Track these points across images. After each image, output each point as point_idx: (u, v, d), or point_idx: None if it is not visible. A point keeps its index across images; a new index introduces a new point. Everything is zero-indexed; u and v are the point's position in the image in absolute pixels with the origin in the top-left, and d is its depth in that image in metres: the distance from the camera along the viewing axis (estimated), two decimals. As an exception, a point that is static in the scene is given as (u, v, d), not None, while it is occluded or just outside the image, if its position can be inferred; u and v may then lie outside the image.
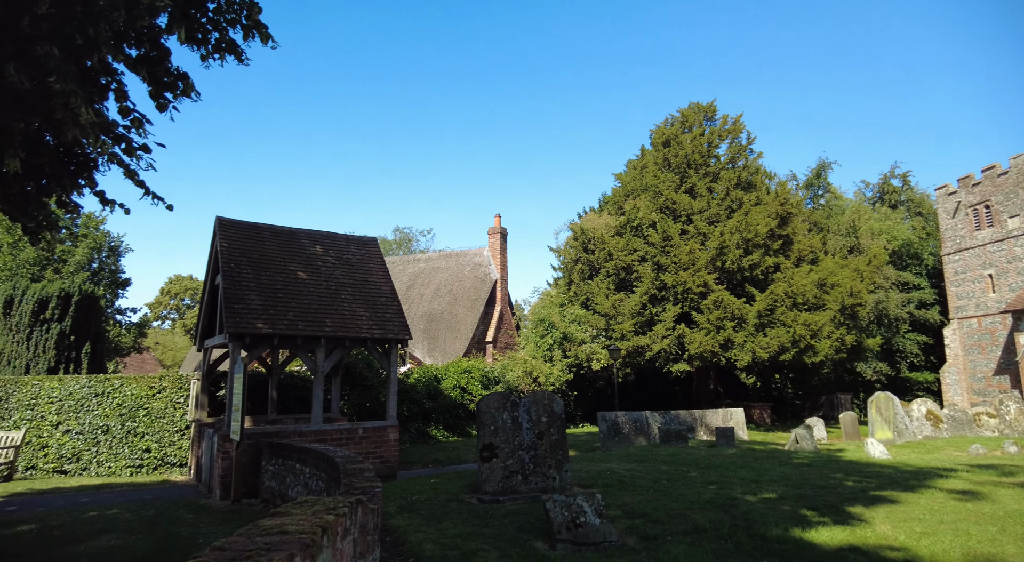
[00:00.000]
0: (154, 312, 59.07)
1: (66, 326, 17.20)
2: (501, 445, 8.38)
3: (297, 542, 2.00)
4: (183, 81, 4.30)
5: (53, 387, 13.73)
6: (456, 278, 29.31)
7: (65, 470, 13.28)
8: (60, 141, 4.72)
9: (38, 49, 3.24)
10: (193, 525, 7.49)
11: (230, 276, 10.67)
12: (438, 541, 5.87)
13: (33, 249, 21.58)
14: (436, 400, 19.23)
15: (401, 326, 12.10)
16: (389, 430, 11.61)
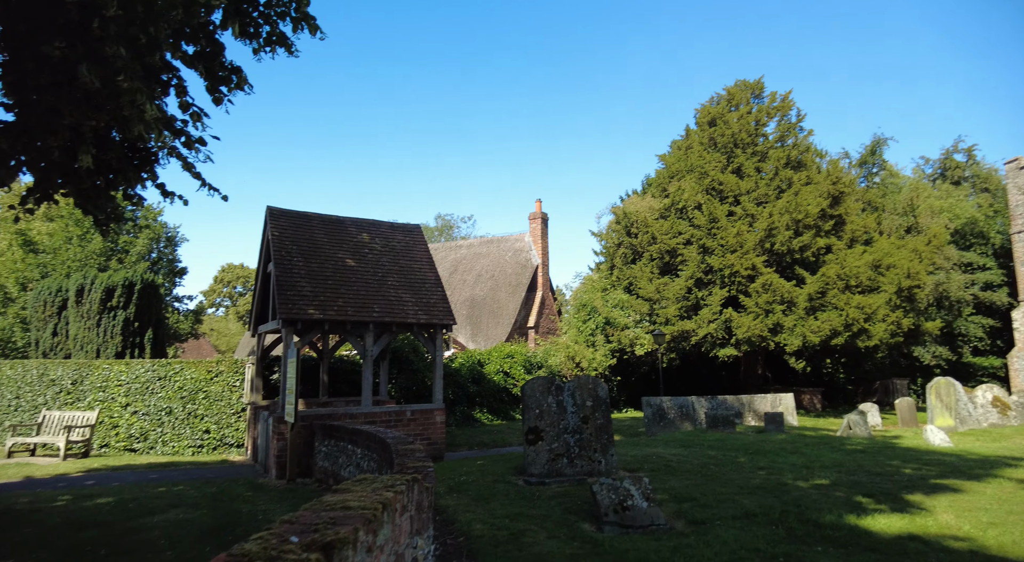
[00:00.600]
0: (209, 299, 61.59)
1: (130, 313, 18.12)
2: (546, 429, 8.45)
3: (360, 517, 2.08)
4: (237, 75, 4.45)
5: (121, 371, 14.51)
6: (497, 264, 29.44)
7: (134, 448, 14.07)
8: (125, 137, 4.96)
9: (107, 49, 3.41)
10: (252, 502, 7.84)
11: (281, 264, 11.02)
12: (487, 521, 6.00)
13: (100, 241, 22.75)
14: (480, 384, 19.47)
15: (446, 311, 12.27)
16: (436, 413, 11.84)
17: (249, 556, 1.63)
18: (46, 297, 18.41)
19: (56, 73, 3.87)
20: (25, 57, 4.20)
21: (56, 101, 3.93)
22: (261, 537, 1.83)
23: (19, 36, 4.32)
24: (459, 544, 5.30)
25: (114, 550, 5.34)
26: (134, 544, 5.57)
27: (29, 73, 4.12)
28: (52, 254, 22.66)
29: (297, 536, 1.84)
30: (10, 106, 4.44)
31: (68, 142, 4.35)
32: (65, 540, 5.69)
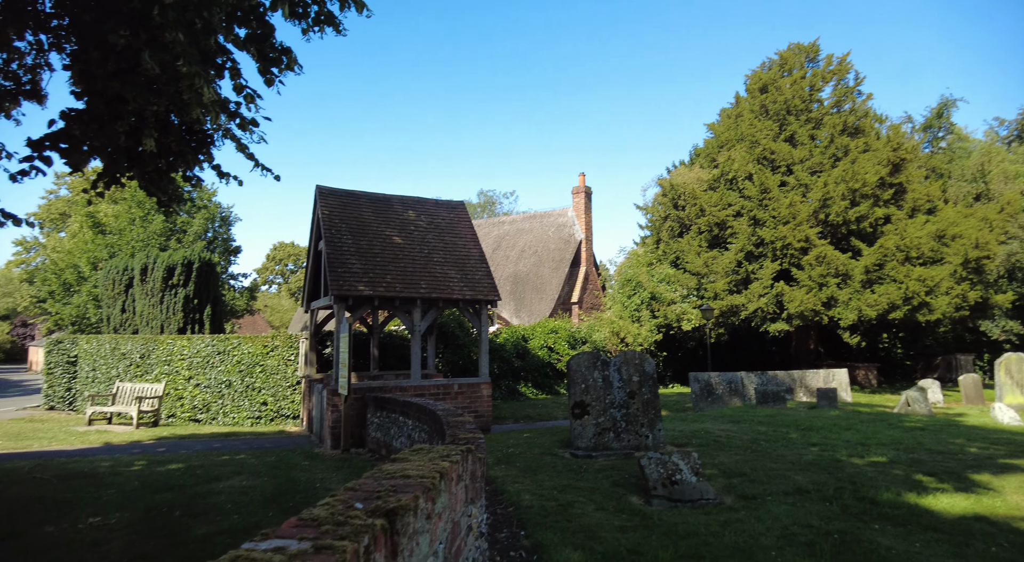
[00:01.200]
0: (262, 277, 63.82)
1: (190, 291, 18.98)
2: (592, 403, 8.48)
3: (419, 485, 2.16)
4: (287, 55, 4.53)
5: (184, 346, 15.29)
6: (540, 239, 29.35)
7: (198, 419, 14.87)
8: (183, 120, 5.13)
9: (167, 36, 3.53)
10: (309, 471, 8.20)
11: (332, 242, 11.29)
12: (535, 492, 6.10)
13: (160, 221, 23.81)
14: (524, 359, 19.64)
15: (491, 287, 12.36)
16: (482, 386, 12.03)
17: (318, 520, 1.71)
18: (114, 276, 19.45)
19: (120, 61, 4.03)
20: (91, 47, 4.37)
21: (121, 88, 4.11)
22: (327, 503, 1.92)
23: (85, 26, 4.50)
24: (509, 514, 5.43)
25: (187, 512, 5.70)
26: (204, 507, 5.92)
27: (95, 62, 4.30)
28: (118, 235, 23.86)
29: (361, 502, 1.92)
30: (79, 94, 4.65)
31: (132, 127, 4.54)
32: (143, 501, 6.10)
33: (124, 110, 4.41)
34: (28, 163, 4.80)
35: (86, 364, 16.64)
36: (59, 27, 5.52)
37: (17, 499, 6.11)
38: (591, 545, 4.39)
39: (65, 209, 37.02)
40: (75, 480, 7.19)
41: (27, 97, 6.18)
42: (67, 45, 5.85)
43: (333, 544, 1.51)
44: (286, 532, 1.63)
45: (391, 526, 1.80)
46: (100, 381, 16.15)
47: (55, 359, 17.34)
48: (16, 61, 6.07)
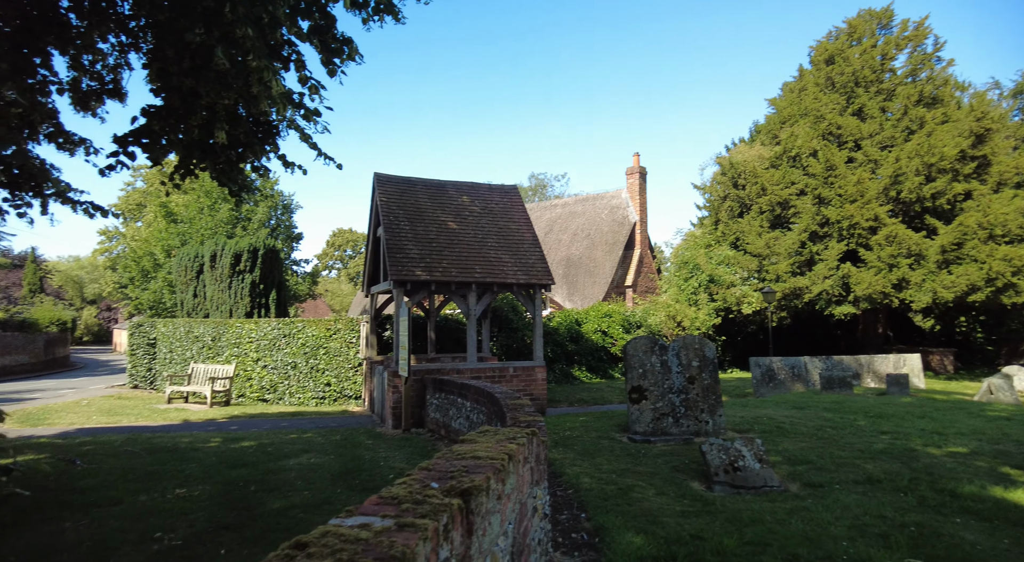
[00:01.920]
0: (322, 262, 65.94)
1: (256, 276, 19.83)
2: (650, 388, 8.40)
3: (490, 466, 2.20)
4: (348, 46, 4.62)
5: (252, 329, 16.02)
6: (593, 222, 29.03)
7: (266, 398, 15.61)
8: (250, 113, 5.33)
9: (237, 31, 3.67)
10: (373, 449, 8.48)
11: (390, 228, 11.53)
12: (594, 475, 6.12)
13: (227, 210, 24.93)
14: (578, 343, 19.59)
15: (544, 271, 12.36)
16: (537, 370, 12.10)
17: (398, 499, 1.78)
18: (186, 263, 20.53)
19: (195, 58, 4.22)
20: (167, 45, 4.58)
21: (195, 84, 4.31)
22: (405, 482, 1.98)
23: (161, 26, 4.72)
24: (568, 496, 5.47)
25: (261, 487, 6.02)
26: (276, 483, 6.24)
27: (171, 60, 4.51)
28: (188, 223, 25.13)
29: (436, 482, 1.98)
30: (157, 91, 4.90)
31: (205, 120, 4.75)
32: (221, 476, 6.48)
33: (198, 105, 4.62)
34: (114, 158, 5.11)
35: (164, 346, 17.71)
36: (137, 28, 5.81)
37: (114, 470, 6.61)
38: (653, 529, 4.38)
39: (141, 200, 39.26)
40: (160, 454, 7.71)
41: (110, 96, 6.55)
42: (144, 44, 6.15)
43: (415, 522, 1.57)
44: (369, 510, 1.70)
45: (466, 506, 1.85)
46: (176, 362, 17.16)
47: (137, 341, 18.54)
48: (100, 62, 6.43)
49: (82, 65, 6.26)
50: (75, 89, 6.35)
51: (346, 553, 1.35)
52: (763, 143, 24.83)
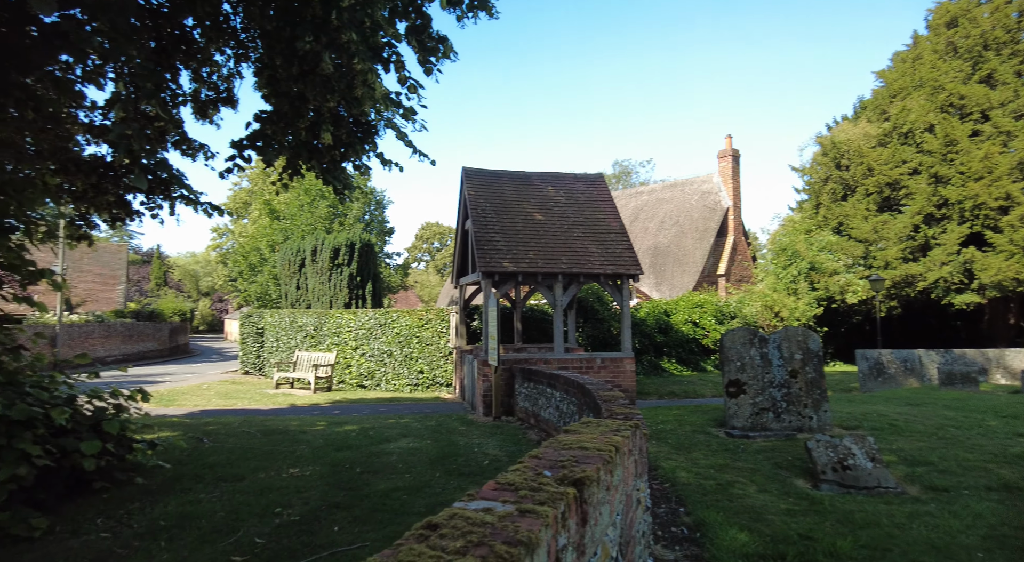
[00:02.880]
0: (411, 255, 68.29)
1: (353, 269, 20.87)
2: (749, 382, 8.07)
3: (599, 457, 2.21)
4: (443, 44, 4.74)
5: (350, 319, 16.90)
6: (682, 209, 28.12)
7: (364, 385, 16.44)
8: (351, 113, 5.59)
9: (343, 36, 3.87)
10: (466, 436, 8.73)
11: (478, 221, 11.75)
12: (690, 470, 5.98)
13: (325, 207, 26.40)
14: (667, 334, 19.12)
15: (632, 261, 12.15)
16: (625, 361, 11.94)
17: (515, 485, 1.83)
18: (289, 257, 21.93)
19: (303, 64, 4.49)
20: (275, 53, 4.89)
21: (303, 88, 4.59)
22: (518, 469, 2.03)
23: (269, 36, 5.04)
24: (665, 490, 5.38)
25: (366, 469, 6.37)
26: (379, 465, 6.57)
27: (280, 67, 4.82)
28: (290, 220, 26.81)
29: (549, 471, 2.01)
30: (267, 97, 5.25)
31: (311, 123, 5.05)
32: (328, 457, 6.92)
33: (305, 108, 4.91)
34: (231, 161, 5.54)
35: (271, 335, 19.07)
36: (248, 39, 6.24)
37: (235, 449, 7.23)
38: (758, 527, 4.23)
39: (247, 198, 42.33)
40: (274, 435, 8.33)
41: (224, 103, 7.10)
42: (252, 54, 6.59)
43: (535, 509, 1.61)
44: (488, 494, 1.76)
45: (580, 495, 1.87)
46: (282, 350, 18.43)
47: (247, 331, 20.08)
48: (215, 73, 6.98)
49: (201, 77, 6.82)
50: (195, 99, 6.93)
51: (475, 535, 1.41)
52: (869, 120, 23.00)
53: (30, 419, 4.46)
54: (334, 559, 3.74)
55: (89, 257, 32.23)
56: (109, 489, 5.21)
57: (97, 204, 7.14)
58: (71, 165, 6.87)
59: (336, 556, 3.80)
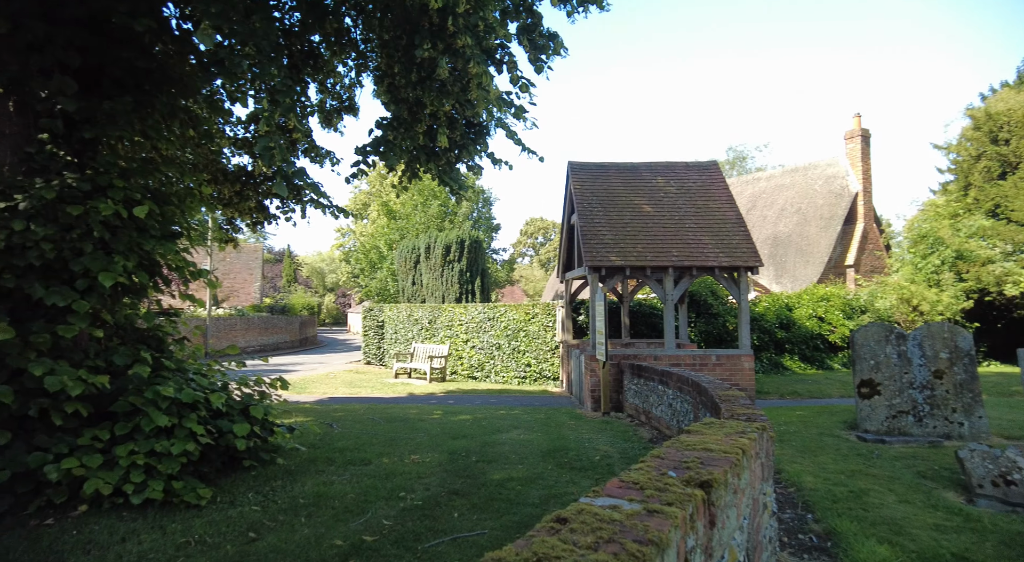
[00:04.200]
0: (516, 250, 69.29)
1: (463, 265, 21.58)
2: (884, 382, 7.40)
3: (726, 459, 2.14)
4: (554, 41, 4.77)
5: (461, 313, 17.50)
6: (805, 195, 26.17)
7: (475, 376, 16.96)
8: (464, 115, 5.78)
9: (459, 41, 4.02)
10: (576, 430, 8.74)
11: (584, 215, 11.69)
12: (818, 474, 5.60)
13: (436, 206, 27.52)
14: (789, 330, 17.93)
15: (750, 252, 11.52)
16: (743, 358, 11.37)
17: (639, 484, 1.82)
18: (405, 254, 23.09)
19: (420, 70, 4.72)
20: (394, 61, 5.16)
21: (421, 94, 4.81)
22: (641, 468, 2.02)
23: (388, 45, 5.32)
24: (790, 494, 5.09)
25: (480, 458, 6.58)
26: (493, 455, 6.77)
27: (398, 75, 5.08)
28: (405, 219, 28.19)
29: (673, 471, 1.98)
30: (387, 104, 5.57)
31: (428, 127, 5.28)
32: (445, 446, 7.23)
33: (422, 113, 5.15)
34: (356, 167, 5.94)
35: (390, 328, 20.20)
36: (368, 50, 6.64)
37: (361, 435, 7.77)
38: (900, 541, 3.88)
39: (366, 200, 45.04)
40: (395, 423, 8.84)
41: (346, 112, 7.60)
42: (371, 63, 7.00)
43: (662, 509, 1.60)
44: (614, 492, 1.77)
45: (708, 497, 1.83)
46: (400, 342, 19.46)
47: (368, 324, 21.40)
48: (338, 83, 7.49)
49: (326, 88, 7.36)
50: (321, 109, 7.49)
51: (605, 532, 1.43)
52: (1035, 85, 20.09)
53: (195, 402, 5.08)
54: (455, 544, 3.92)
55: (230, 257, 35.90)
56: (256, 467, 5.80)
57: (241, 210, 7.95)
58: (220, 175, 7.70)
59: (457, 542, 3.97)
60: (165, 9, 5.60)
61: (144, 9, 4.69)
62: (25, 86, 4.71)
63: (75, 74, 4.94)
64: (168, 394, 4.78)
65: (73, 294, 4.60)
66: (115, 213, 4.76)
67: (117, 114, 5.06)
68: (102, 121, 5.05)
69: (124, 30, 4.97)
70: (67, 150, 5.00)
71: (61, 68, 4.78)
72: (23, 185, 4.62)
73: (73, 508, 4.45)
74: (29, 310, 4.71)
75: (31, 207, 4.54)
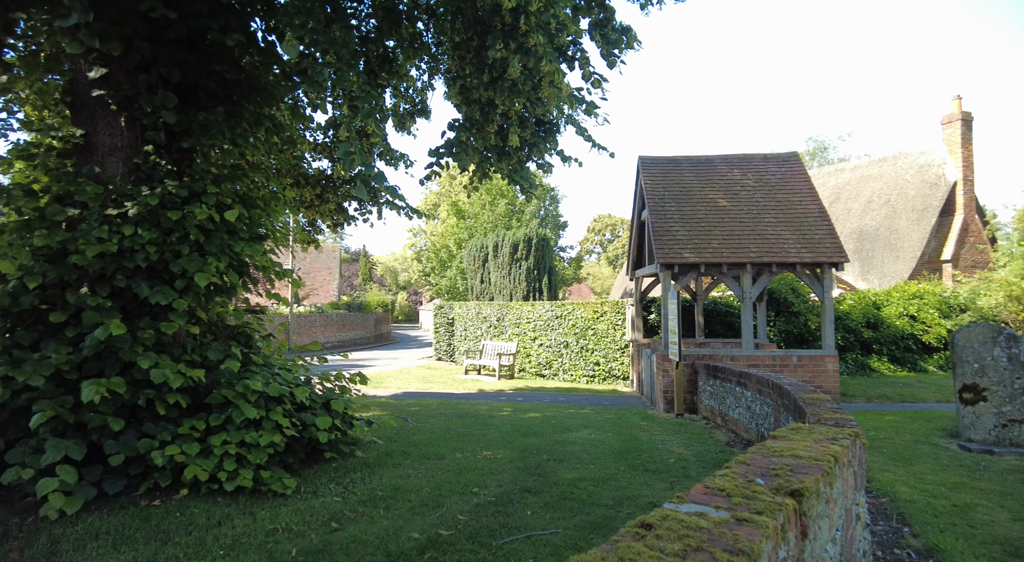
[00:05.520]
0: (583, 247, 68.76)
1: (530, 263, 21.64)
2: (991, 387, 6.81)
3: (817, 467, 2.03)
4: (627, 34, 4.69)
5: (528, 311, 17.55)
6: (894, 186, 24.47)
7: (542, 374, 16.97)
8: (534, 114, 5.78)
9: (531, 40, 4.03)
10: (648, 431, 8.57)
11: (655, 210, 11.43)
12: (914, 486, 5.23)
13: (504, 205, 27.75)
14: (877, 329, 16.83)
15: (834, 247, 10.91)
16: (827, 359, 10.79)
17: (725, 491, 1.76)
18: (474, 253, 23.40)
19: (492, 71, 4.76)
20: (466, 63, 5.23)
21: (492, 95, 4.86)
22: (726, 474, 1.95)
23: (459, 47, 5.39)
24: (882, 505, 4.78)
25: (551, 457, 6.58)
26: (564, 454, 6.75)
27: (470, 76, 5.15)
28: (474, 218, 28.58)
29: (761, 478, 1.90)
30: (459, 105, 5.65)
31: (499, 127, 5.32)
32: (516, 443, 7.27)
33: (493, 113, 5.20)
34: (429, 168, 6.07)
35: (460, 325, 20.54)
36: (439, 52, 6.76)
37: (435, 429, 7.95)
38: (1014, 563, 3.56)
39: (436, 200, 46.03)
40: (466, 418, 8.99)
41: (418, 115, 7.77)
42: (442, 65, 7.12)
43: (752, 518, 1.53)
44: (698, 498, 1.72)
45: (799, 507, 1.74)
46: (470, 339, 19.75)
47: (439, 321, 21.86)
48: (411, 87, 7.67)
49: (399, 92, 7.56)
50: (395, 113, 7.70)
51: (692, 539, 1.39)
52: None
53: (281, 396, 5.36)
54: (530, 542, 3.94)
55: (311, 257, 37.63)
56: (336, 459, 6.05)
57: (321, 212, 8.31)
58: (301, 179, 8.07)
59: (531, 540, 3.99)
60: (252, 23, 5.93)
61: (235, 25, 4.98)
62: (134, 102, 5.12)
63: (175, 89, 5.32)
64: (257, 388, 5.07)
65: (173, 293, 4.96)
66: (208, 217, 5.09)
67: (211, 124, 5.42)
68: (197, 131, 5.42)
69: (217, 45, 5.30)
70: (167, 159, 5.40)
71: (164, 84, 5.16)
72: (132, 193, 5.03)
73: (175, 491, 4.80)
74: (136, 308, 5.12)
75: (138, 213, 4.93)
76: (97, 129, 5.15)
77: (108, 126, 5.16)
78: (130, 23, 4.89)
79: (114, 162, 5.19)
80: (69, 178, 5.02)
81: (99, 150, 5.19)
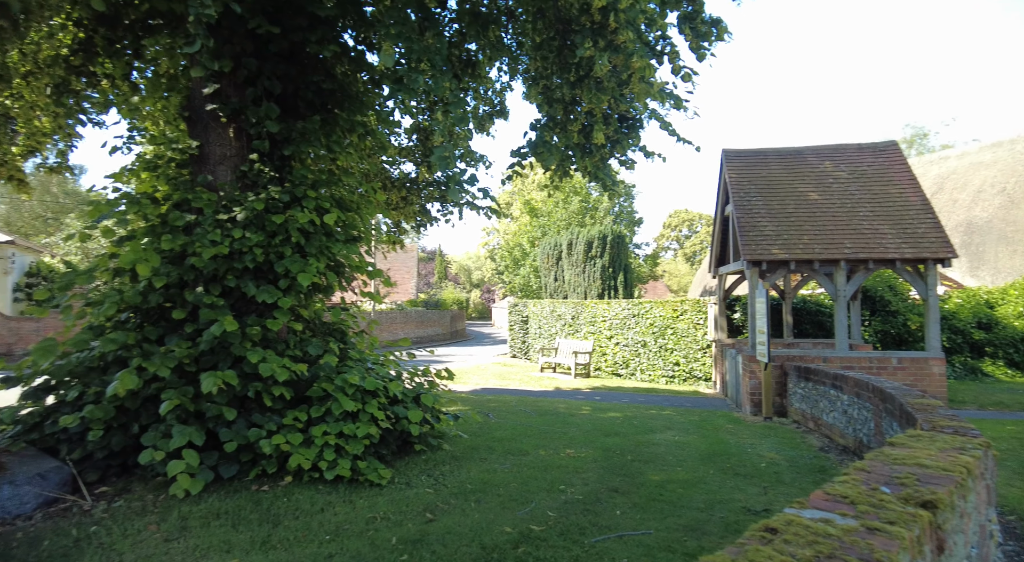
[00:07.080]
0: (659, 244, 67.23)
1: (605, 261, 21.40)
2: None
3: (948, 479, 1.92)
4: (717, 26, 4.56)
5: (604, 309, 17.36)
6: (1010, 172, 22.33)
7: (619, 374, 16.74)
8: (617, 110, 5.72)
9: (620, 38, 4.01)
10: (735, 434, 8.29)
11: (741, 205, 11.02)
12: (1044, 503, 4.78)
13: (578, 203, 27.61)
14: (990, 330, 15.46)
15: (939, 242, 10.12)
16: (932, 362, 10.04)
17: (849, 498, 1.69)
18: (547, 251, 23.43)
19: (578, 70, 4.76)
20: (549, 63, 5.25)
21: (577, 93, 4.86)
22: (845, 481, 1.88)
23: (541, 47, 5.42)
24: (1009, 523, 4.40)
25: (636, 458, 6.50)
26: (649, 456, 6.65)
27: (554, 75, 5.17)
28: (546, 217, 28.61)
29: (886, 487, 1.82)
30: (540, 105, 5.69)
31: (582, 125, 5.32)
32: (599, 442, 7.24)
33: (576, 112, 5.20)
34: (511, 168, 6.15)
35: (534, 323, 20.63)
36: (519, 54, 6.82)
37: (516, 426, 8.05)
38: None
39: (509, 199, 46.46)
40: (546, 416, 9.03)
41: (497, 116, 7.87)
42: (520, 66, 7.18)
43: (884, 528, 1.47)
44: (820, 504, 1.66)
45: (934, 519, 1.65)
46: (544, 336, 19.80)
47: (513, 318, 22.05)
48: (490, 89, 7.78)
49: (479, 94, 7.69)
50: (475, 115, 7.84)
51: (823, 546, 1.35)
52: None
53: (376, 390, 5.61)
54: (622, 542, 3.92)
55: (390, 256, 39.00)
56: (425, 452, 6.26)
57: (406, 213, 8.60)
58: (388, 182, 8.38)
59: (624, 539, 3.97)
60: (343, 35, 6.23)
61: (331, 37, 5.25)
62: (241, 114, 5.51)
63: (277, 100, 5.68)
64: (354, 382, 5.33)
65: (277, 292, 5.31)
66: (309, 221, 5.40)
67: (308, 132, 5.75)
68: (297, 139, 5.76)
69: (313, 57, 5.61)
70: (270, 166, 5.77)
71: (267, 95, 5.52)
72: (240, 199, 5.41)
73: (280, 478, 5.13)
74: (244, 306, 5.52)
75: (246, 218, 5.31)
76: (209, 140, 5.58)
77: (219, 137, 5.58)
78: (239, 41, 5.26)
79: (224, 170, 5.61)
80: (186, 186, 5.47)
81: (211, 159, 5.63)
